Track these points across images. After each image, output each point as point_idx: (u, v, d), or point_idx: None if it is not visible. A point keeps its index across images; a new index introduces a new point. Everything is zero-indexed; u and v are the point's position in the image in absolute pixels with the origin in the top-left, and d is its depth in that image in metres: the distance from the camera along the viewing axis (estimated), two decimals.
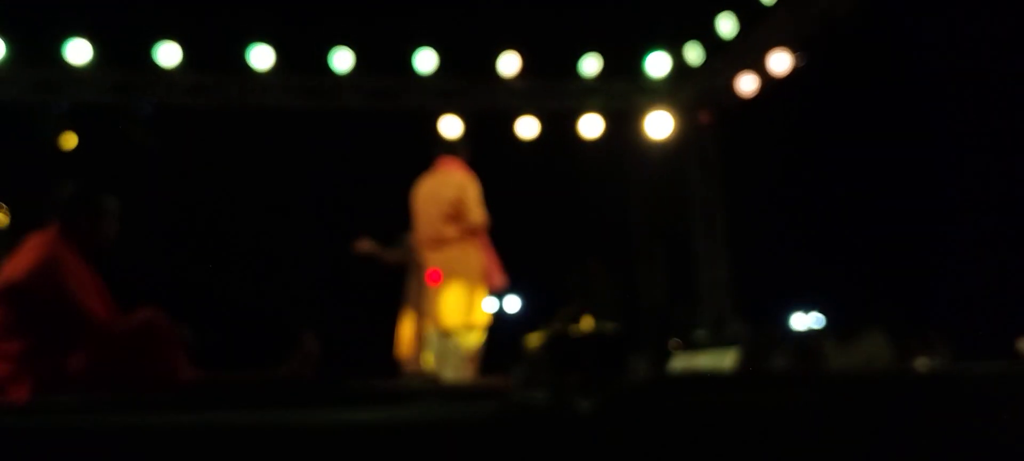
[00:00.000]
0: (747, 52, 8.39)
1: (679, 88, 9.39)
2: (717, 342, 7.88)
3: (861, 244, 9.50)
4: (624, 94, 9.34)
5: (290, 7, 7.87)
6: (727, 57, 8.68)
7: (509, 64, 8.67)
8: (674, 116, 9.22)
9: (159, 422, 2.08)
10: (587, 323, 4.91)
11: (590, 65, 8.93)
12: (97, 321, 3.26)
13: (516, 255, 5.80)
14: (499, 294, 5.80)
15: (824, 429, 2.14)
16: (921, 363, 6.02)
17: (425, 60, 8.47)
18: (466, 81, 8.87)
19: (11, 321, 3.22)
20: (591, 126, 9.17)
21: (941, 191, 8.11)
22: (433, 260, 5.26)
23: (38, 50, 7.63)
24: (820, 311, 11.51)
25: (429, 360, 5.25)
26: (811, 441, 2.11)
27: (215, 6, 7.45)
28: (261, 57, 8.06)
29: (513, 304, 12.19)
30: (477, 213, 5.21)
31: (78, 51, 7.64)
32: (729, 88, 8.73)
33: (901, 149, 8.63)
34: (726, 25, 8.16)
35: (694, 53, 8.79)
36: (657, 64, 9.01)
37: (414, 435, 2.04)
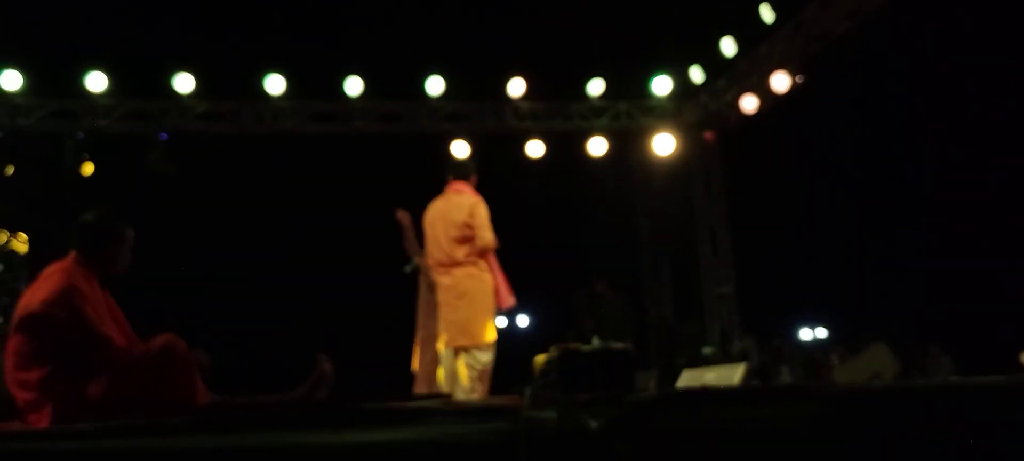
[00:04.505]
0: (749, 72, 8.48)
1: (683, 108, 9.49)
2: (725, 358, 7.92)
3: (867, 258, 9.50)
4: (629, 115, 9.42)
5: (301, 35, 7.96)
6: (730, 77, 8.78)
7: (517, 87, 8.78)
8: (678, 136, 9.31)
9: (177, 446, 2.10)
10: (596, 341, 4.94)
11: (595, 87, 9.03)
12: (115, 347, 3.29)
13: (525, 275, 5.84)
14: (509, 314, 5.83)
15: (830, 442, 2.13)
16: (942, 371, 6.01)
17: (435, 84, 8.59)
18: (474, 104, 8.97)
19: (31, 349, 3.25)
20: (597, 147, 9.27)
21: (945, 207, 8.11)
22: (444, 281, 5.32)
23: (55, 80, 7.75)
24: (826, 325, 11.48)
25: (441, 379, 5.29)
26: (818, 454, 2.11)
27: (228, 34, 7.54)
28: (273, 83, 8.18)
29: (523, 323, 12.21)
30: (486, 234, 5.27)
31: (94, 80, 7.77)
32: (732, 107, 8.81)
33: (905, 165, 8.65)
34: (728, 46, 8.26)
35: (698, 73, 8.90)
36: (661, 85, 9.14)
37: (427, 455, 2.05)
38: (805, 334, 12.01)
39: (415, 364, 5.74)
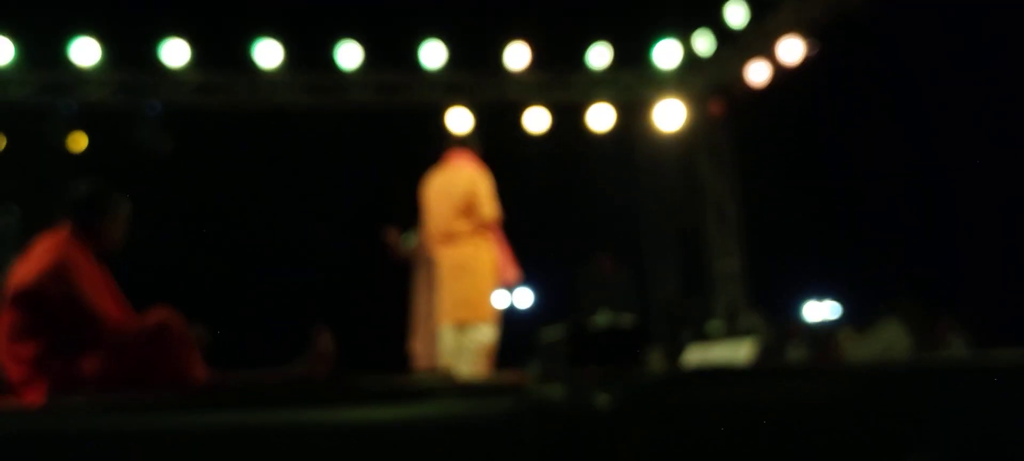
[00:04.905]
0: (758, 41, 8.33)
1: (689, 78, 9.34)
2: (732, 333, 7.87)
3: (877, 233, 9.43)
4: (634, 85, 9.29)
5: (296, 4, 7.87)
6: (737, 47, 8.62)
7: (518, 56, 8.62)
8: (684, 106, 9.17)
9: (173, 423, 2.07)
10: (603, 317, 4.87)
11: (599, 56, 8.86)
12: (110, 322, 3.24)
13: (528, 249, 5.76)
14: (512, 288, 5.75)
15: (841, 421, 2.11)
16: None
17: (433, 54, 8.44)
18: (475, 74, 8.85)
19: (24, 324, 3.20)
20: (601, 118, 9.11)
21: (957, 178, 8.03)
22: (445, 255, 5.22)
23: (46, 52, 7.66)
24: (836, 301, 11.44)
25: (443, 355, 5.22)
26: (828, 433, 2.08)
27: (221, 5, 7.46)
28: (268, 55, 8.05)
29: (526, 298, 12.16)
30: (489, 207, 5.17)
31: (85, 52, 7.67)
32: (740, 78, 8.66)
33: (917, 136, 8.55)
34: (736, 14, 8.11)
35: (704, 43, 8.74)
36: (667, 54, 8.95)
37: (430, 432, 2.02)
38: (814, 308, 11.94)
39: (413, 342, 5.67)
